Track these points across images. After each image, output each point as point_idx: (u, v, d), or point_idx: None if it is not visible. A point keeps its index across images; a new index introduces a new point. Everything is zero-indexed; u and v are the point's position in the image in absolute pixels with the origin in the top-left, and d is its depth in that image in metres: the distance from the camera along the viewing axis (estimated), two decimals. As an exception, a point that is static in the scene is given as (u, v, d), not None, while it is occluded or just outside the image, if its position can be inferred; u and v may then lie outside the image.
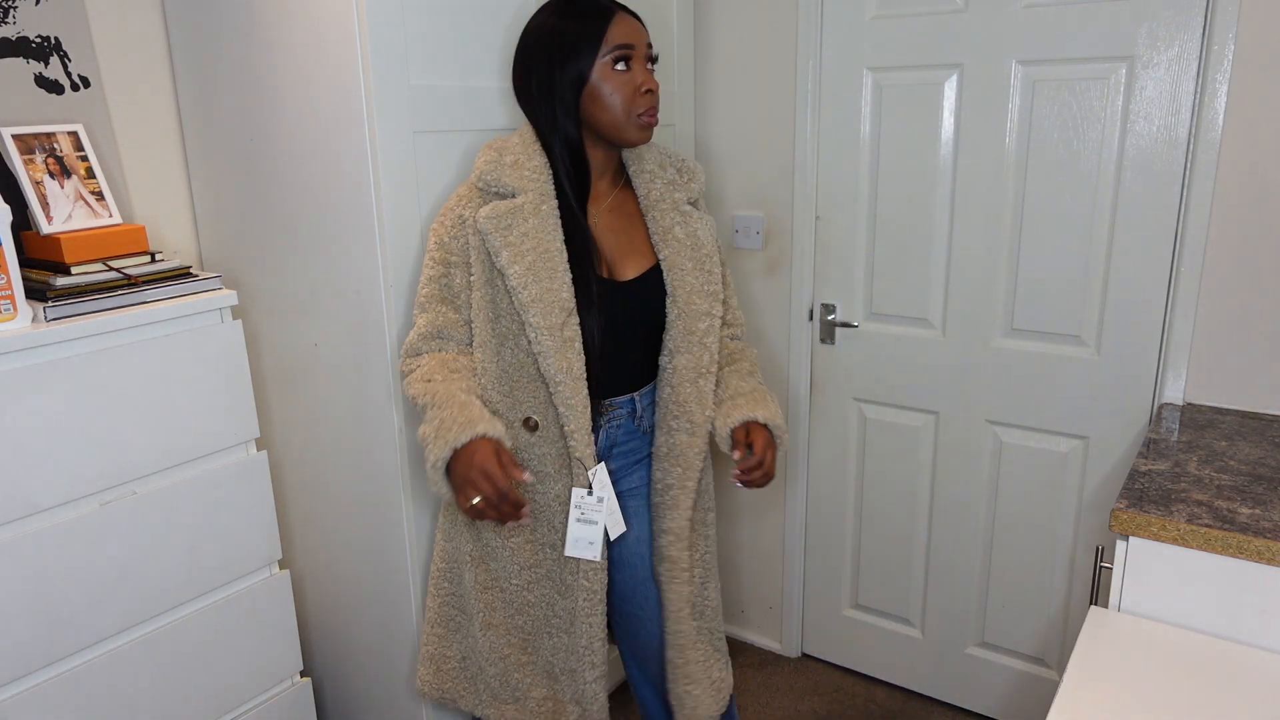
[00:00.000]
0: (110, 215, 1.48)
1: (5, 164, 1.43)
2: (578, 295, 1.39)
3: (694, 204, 1.54)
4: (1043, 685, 2.14)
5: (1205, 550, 1.27)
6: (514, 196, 1.39)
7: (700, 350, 1.47)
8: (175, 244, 1.79)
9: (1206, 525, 1.27)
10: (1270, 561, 1.22)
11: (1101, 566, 1.48)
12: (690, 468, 1.49)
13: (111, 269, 1.40)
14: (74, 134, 1.49)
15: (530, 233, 1.36)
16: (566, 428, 1.40)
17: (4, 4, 1.47)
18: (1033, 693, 2.15)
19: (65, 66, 1.56)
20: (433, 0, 1.52)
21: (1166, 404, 1.82)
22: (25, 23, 1.50)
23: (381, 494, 1.67)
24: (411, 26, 1.49)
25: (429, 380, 1.39)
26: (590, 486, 1.42)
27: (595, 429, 1.47)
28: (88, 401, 1.33)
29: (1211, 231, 1.72)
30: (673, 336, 1.47)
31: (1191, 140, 1.71)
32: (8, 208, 1.26)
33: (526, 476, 1.29)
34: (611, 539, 1.48)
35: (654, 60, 1.43)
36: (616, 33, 1.37)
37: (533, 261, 1.35)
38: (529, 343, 1.38)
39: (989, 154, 1.92)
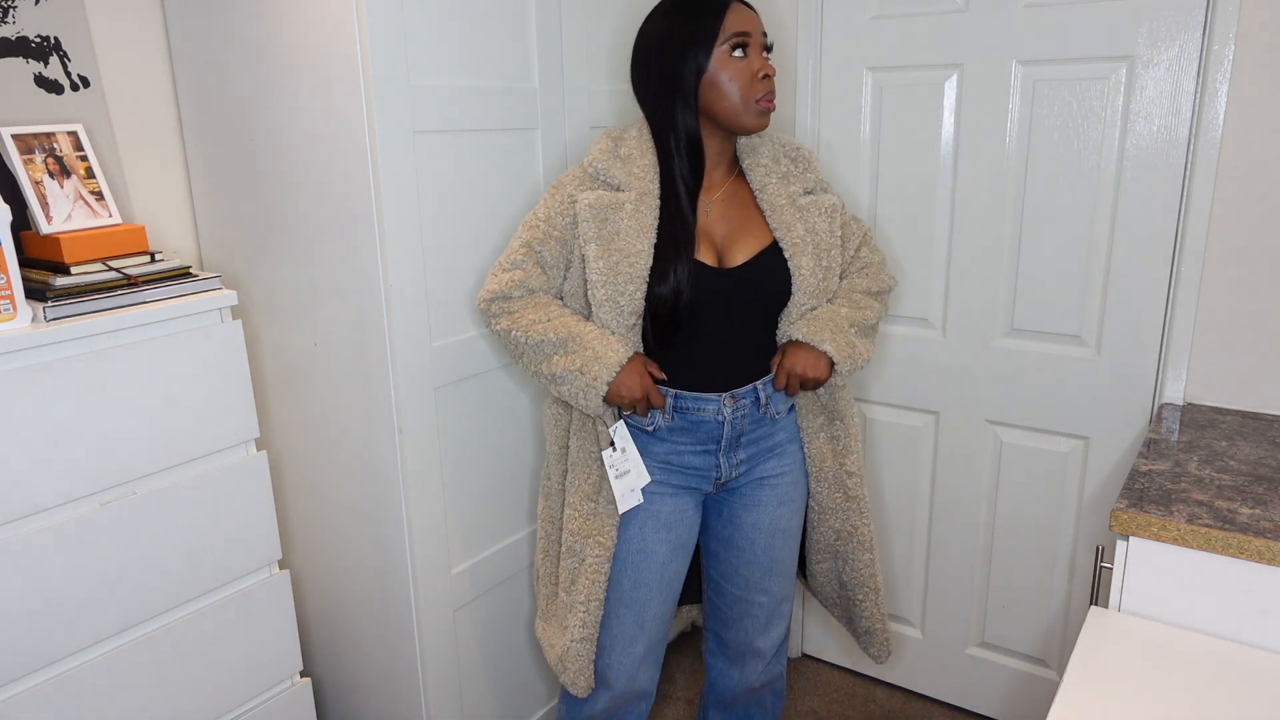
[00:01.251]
0: (110, 215, 1.48)
1: (5, 164, 1.43)
2: (657, 285, 1.43)
3: (811, 191, 1.56)
4: (1043, 685, 2.14)
5: (1205, 550, 1.27)
6: (619, 190, 1.46)
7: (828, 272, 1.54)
8: (175, 244, 1.79)
9: (1207, 525, 1.27)
10: (1270, 561, 1.22)
11: (1102, 566, 1.48)
12: (848, 410, 1.61)
13: (111, 269, 1.40)
14: (74, 134, 1.48)
15: (622, 231, 1.42)
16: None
17: (4, 4, 1.47)
18: (1033, 693, 2.15)
19: (65, 66, 1.56)
20: (433, 0, 1.52)
21: (1167, 404, 1.81)
22: (25, 22, 1.50)
23: (381, 494, 1.67)
24: (411, 26, 1.49)
25: (548, 319, 1.47)
26: (614, 443, 1.50)
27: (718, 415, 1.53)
28: (88, 401, 1.33)
29: (1211, 231, 1.72)
30: (789, 319, 1.51)
31: (1191, 140, 1.71)
32: (7, 208, 1.26)
33: (659, 374, 1.48)
34: (639, 486, 1.54)
35: (769, 49, 1.47)
36: (733, 21, 1.41)
37: (616, 262, 1.42)
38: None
39: (989, 154, 1.92)
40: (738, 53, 1.41)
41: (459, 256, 1.65)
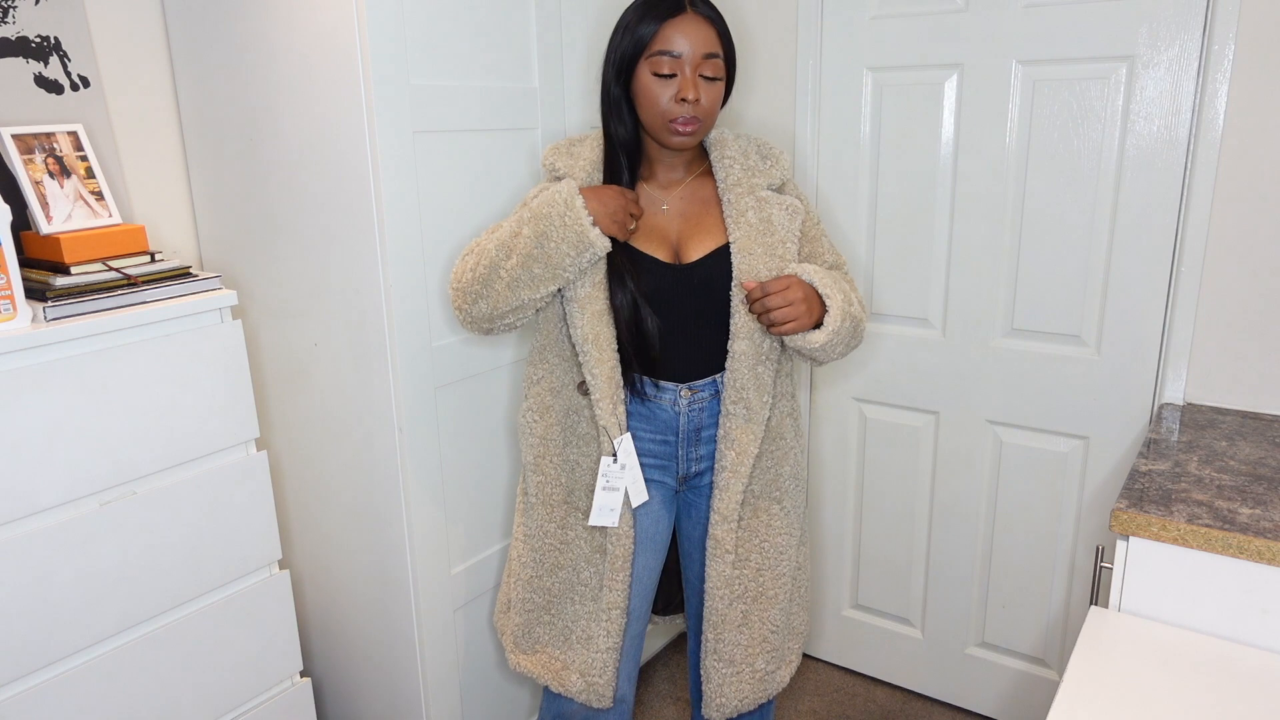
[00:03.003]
0: (110, 215, 1.48)
1: (5, 164, 1.43)
2: (610, 273, 1.43)
3: (779, 189, 1.54)
4: (1043, 685, 2.14)
5: (1205, 550, 1.27)
6: (559, 179, 1.46)
7: (760, 337, 1.47)
8: (175, 244, 1.79)
9: (1207, 525, 1.27)
10: (1270, 561, 1.22)
11: (1101, 566, 1.48)
12: (744, 453, 1.50)
13: (111, 269, 1.40)
14: (74, 134, 1.48)
15: None
16: (593, 396, 1.45)
17: (4, 4, 1.47)
18: (1033, 693, 2.15)
19: (65, 66, 1.56)
20: (433, 0, 1.52)
21: (1166, 404, 1.81)
22: (25, 22, 1.50)
23: (381, 494, 1.67)
24: (411, 26, 1.49)
25: (490, 234, 1.43)
26: (615, 454, 1.47)
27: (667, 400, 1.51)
28: (88, 401, 1.33)
29: (1211, 231, 1.72)
30: (735, 321, 1.46)
31: (1191, 140, 1.71)
32: (7, 208, 1.26)
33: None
34: (633, 506, 1.51)
35: (713, 77, 1.41)
36: (665, 36, 1.37)
37: None
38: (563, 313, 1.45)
39: (989, 154, 1.92)
40: (664, 70, 1.37)
41: (459, 256, 1.65)
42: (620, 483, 1.48)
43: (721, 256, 1.47)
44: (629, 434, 1.49)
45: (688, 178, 1.53)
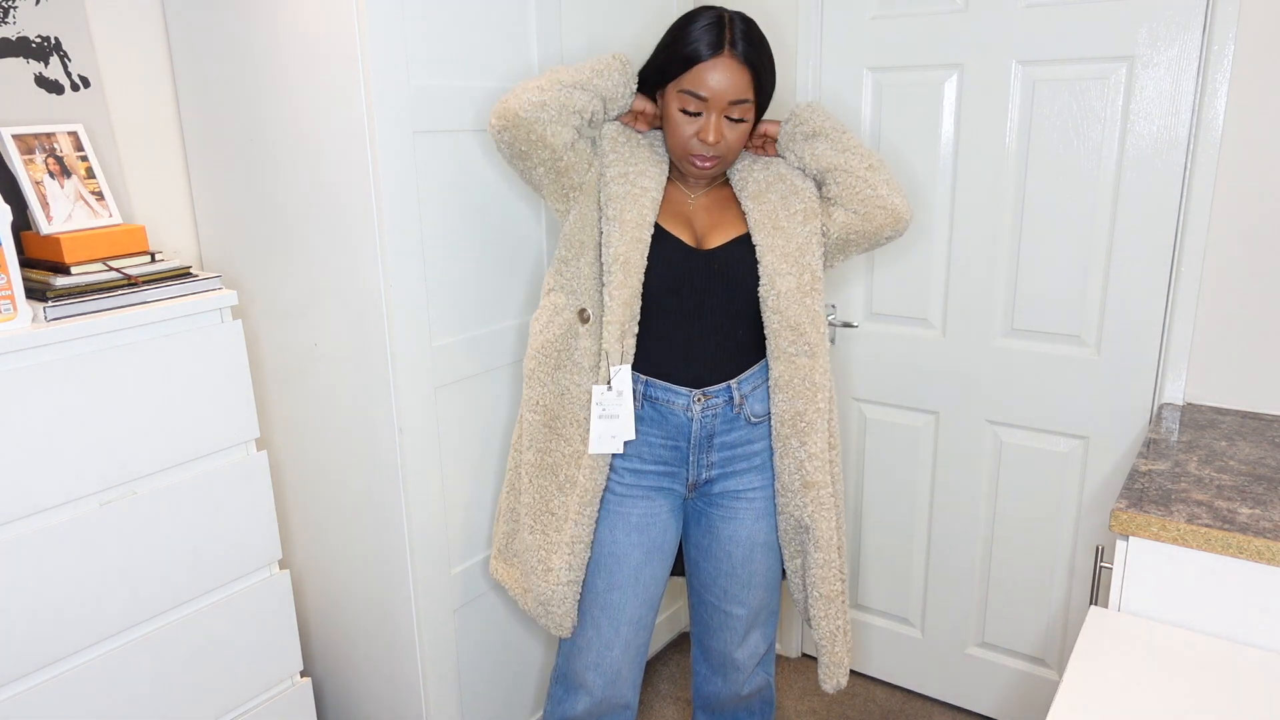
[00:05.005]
0: (110, 215, 1.48)
1: (5, 164, 1.43)
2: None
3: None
4: (1043, 685, 2.14)
5: (1205, 550, 1.27)
6: (644, 137, 1.53)
7: (801, 270, 1.48)
8: (175, 244, 1.79)
9: (1206, 525, 1.27)
10: (1270, 561, 1.22)
11: (1101, 566, 1.48)
12: (819, 389, 1.50)
13: (111, 269, 1.40)
14: (74, 134, 1.48)
15: (641, 165, 1.48)
16: (606, 318, 1.45)
17: (4, 4, 1.47)
18: (1033, 693, 2.15)
19: (65, 66, 1.56)
20: (432, 0, 1.52)
21: (1166, 404, 1.82)
22: (25, 23, 1.50)
23: (381, 494, 1.67)
24: (411, 26, 1.49)
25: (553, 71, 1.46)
26: (610, 383, 1.46)
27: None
28: (88, 401, 1.33)
29: (1211, 231, 1.72)
30: (765, 267, 1.48)
31: (1191, 140, 1.71)
32: (8, 208, 1.26)
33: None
34: (621, 442, 1.51)
35: (739, 120, 1.44)
36: (700, 77, 1.40)
37: (631, 192, 1.44)
38: (601, 235, 1.47)
39: (989, 154, 1.92)
40: (690, 108, 1.41)
41: (459, 256, 1.65)
42: (618, 409, 1.47)
43: (740, 244, 1.49)
44: (628, 365, 1.47)
45: (711, 186, 1.58)
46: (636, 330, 1.47)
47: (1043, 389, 1.97)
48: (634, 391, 1.50)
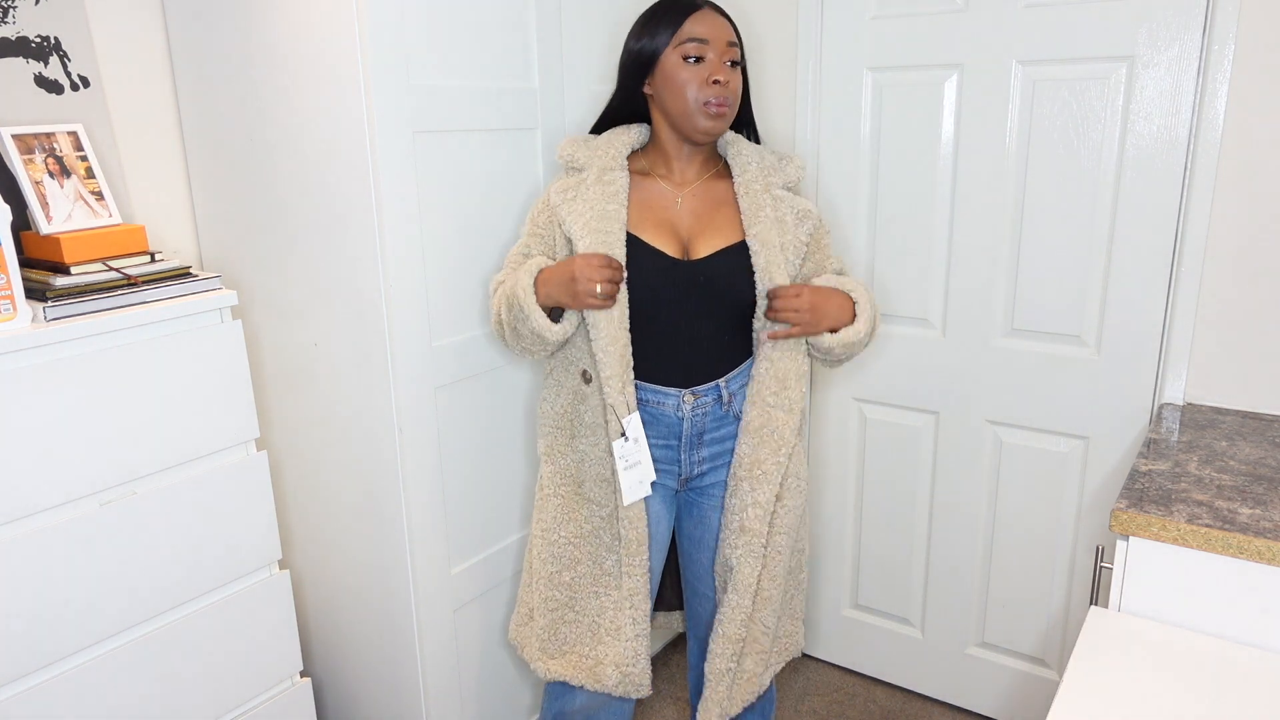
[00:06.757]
0: (110, 215, 1.48)
1: (5, 164, 1.43)
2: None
3: (793, 189, 1.59)
4: (1043, 685, 2.14)
5: (1205, 550, 1.27)
6: (582, 171, 1.51)
7: (795, 272, 1.52)
8: (175, 244, 1.79)
9: (1206, 525, 1.27)
10: (1270, 561, 1.22)
11: (1101, 566, 1.48)
12: (783, 443, 1.52)
13: (111, 269, 1.40)
14: (74, 134, 1.48)
15: (591, 199, 1.46)
16: (603, 374, 1.45)
17: (4, 4, 1.47)
18: (1033, 693, 2.15)
19: (65, 66, 1.56)
20: (433, 0, 1.52)
21: (1166, 404, 1.82)
22: (25, 22, 1.50)
23: (381, 494, 1.67)
24: (411, 26, 1.49)
25: (501, 282, 1.53)
26: (625, 434, 1.48)
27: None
28: (87, 401, 1.33)
29: (1211, 231, 1.72)
30: (760, 263, 1.48)
31: (1191, 140, 1.71)
32: (8, 208, 1.26)
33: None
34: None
35: (738, 61, 1.48)
36: (691, 26, 1.43)
37: (589, 219, 1.44)
38: None
39: (989, 154, 1.92)
40: (691, 59, 1.43)
41: (459, 256, 1.65)
42: (639, 456, 1.49)
43: (731, 254, 1.48)
44: (636, 413, 1.49)
45: (703, 176, 1.55)
46: (633, 377, 1.49)
47: (1043, 389, 1.97)
48: None
